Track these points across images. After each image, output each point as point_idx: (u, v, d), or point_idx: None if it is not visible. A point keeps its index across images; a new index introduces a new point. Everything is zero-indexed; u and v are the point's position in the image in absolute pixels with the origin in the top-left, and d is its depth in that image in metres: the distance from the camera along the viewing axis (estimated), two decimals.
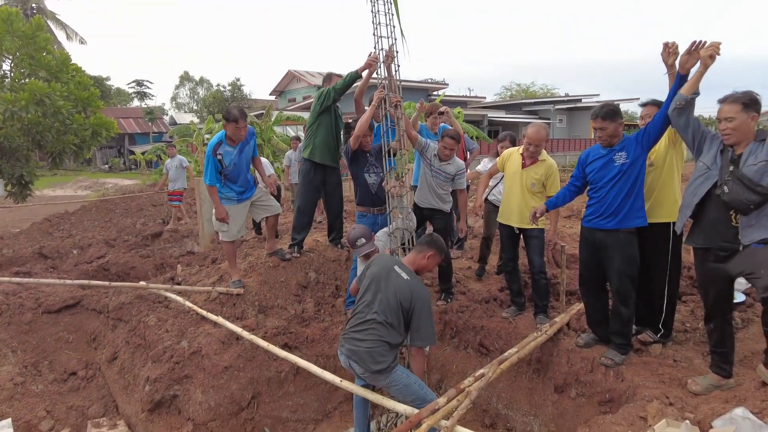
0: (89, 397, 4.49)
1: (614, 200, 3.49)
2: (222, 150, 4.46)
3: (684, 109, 3.08)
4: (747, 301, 4.43)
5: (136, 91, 44.21)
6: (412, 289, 3.09)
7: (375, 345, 3.03)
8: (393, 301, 3.06)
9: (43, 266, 7.33)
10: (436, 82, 32.85)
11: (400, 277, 3.16)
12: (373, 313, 3.08)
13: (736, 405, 2.79)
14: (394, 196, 4.12)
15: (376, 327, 3.05)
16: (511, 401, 4.10)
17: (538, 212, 3.86)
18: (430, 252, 3.30)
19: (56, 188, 21.58)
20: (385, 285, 3.12)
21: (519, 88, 51.86)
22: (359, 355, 3.06)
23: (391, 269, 3.20)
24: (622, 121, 3.54)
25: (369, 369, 3.04)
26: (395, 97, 4.22)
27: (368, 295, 3.16)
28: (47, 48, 9.41)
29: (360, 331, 3.09)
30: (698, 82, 3.04)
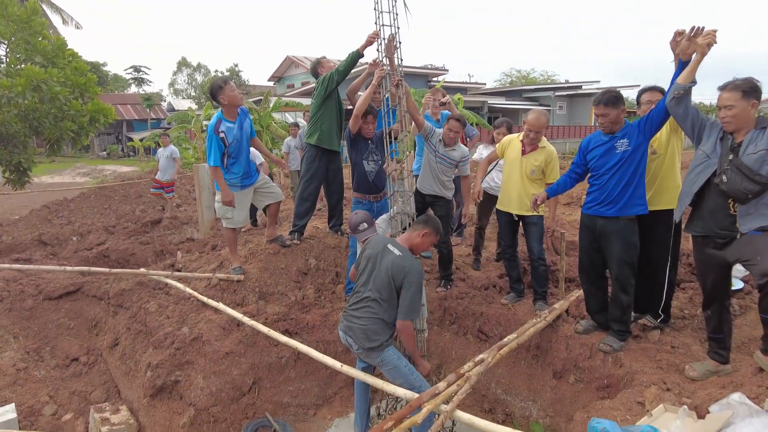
0: (91, 383, 4.52)
1: (615, 188, 3.48)
2: (223, 127, 4.40)
3: (682, 98, 3.07)
4: (745, 288, 4.46)
5: (134, 77, 43.83)
6: (403, 264, 3.15)
7: (370, 322, 3.15)
8: (385, 277, 3.14)
9: (43, 253, 7.32)
10: (436, 68, 32.57)
11: (392, 253, 3.23)
12: (368, 291, 3.19)
13: (732, 390, 2.82)
14: (395, 179, 4.09)
15: (370, 304, 3.16)
16: (510, 386, 4.14)
17: (539, 199, 3.85)
18: (426, 230, 3.34)
19: (54, 175, 21.49)
20: (379, 263, 3.22)
21: (519, 75, 51.49)
22: (354, 331, 3.19)
23: (385, 248, 3.28)
24: (624, 108, 3.52)
25: (362, 346, 3.17)
26: (396, 77, 4.14)
27: (364, 275, 3.27)
28: (43, 33, 9.31)
29: (357, 309, 3.22)
30: (695, 70, 3.02)
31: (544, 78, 49.56)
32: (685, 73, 3.04)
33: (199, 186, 7.94)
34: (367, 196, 4.63)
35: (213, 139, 4.34)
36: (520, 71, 52.14)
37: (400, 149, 4.29)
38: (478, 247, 5.61)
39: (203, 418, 3.78)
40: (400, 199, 4.03)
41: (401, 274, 3.12)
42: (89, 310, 5.25)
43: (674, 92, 3.07)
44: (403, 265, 3.15)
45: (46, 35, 9.39)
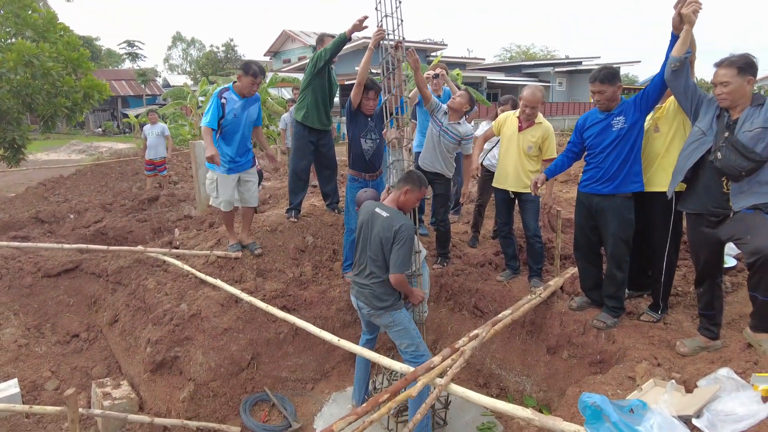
0: (92, 358, 4.60)
1: (612, 165, 3.48)
2: (227, 95, 4.38)
3: (679, 71, 3.04)
4: (738, 265, 4.50)
5: (128, 52, 43.01)
6: (391, 224, 3.23)
7: (376, 286, 3.31)
8: (377, 242, 3.26)
9: (41, 231, 7.33)
10: (435, 43, 32.08)
11: (381, 216, 3.32)
12: (367, 257, 3.36)
13: (721, 365, 2.87)
14: (395, 147, 4.05)
15: (372, 270, 3.32)
16: (504, 362, 4.22)
17: (539, 182, 3.86)
18: (406, 187, 3.37)
19: (49, 152, 21.34)
20: (371, 228, 3.34)
21: (519, 50, 50.78)
22: (365, 295, 3.38)
23: (374, 213, 3.38)
24: (620, 85, 3.49)
25: (374, 306, 3.33)
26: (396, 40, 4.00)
27: (360, 243, 3.44)
28: (32, 6, 9.10)
29: (362, 276, 3.40)
30: (687, 40, 2.99)
31: (544, 54, 48.90)
32: (677, 45, 3.02)
33: (195, 163, 7.90)
34: (362, 174, 4.59)
35: (214, 101, 4.33)
36: (519, 46, 51.46)
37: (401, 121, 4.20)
38: (476, 224, 5.64)
39: (203, 393, 3.85)
40: (394, 170, 4.01)
41: (391, 234, 3.21)
42: (88, 287, 5.29)
43: (671, 65, 3.05)
44: (391, 224, 3.23)
45: (35, 8, 9.18)
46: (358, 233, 3.48)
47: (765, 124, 2.72)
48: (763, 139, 2.73)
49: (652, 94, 3.35)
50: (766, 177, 2.81)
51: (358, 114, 4.48)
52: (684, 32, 2.98)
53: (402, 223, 3.23)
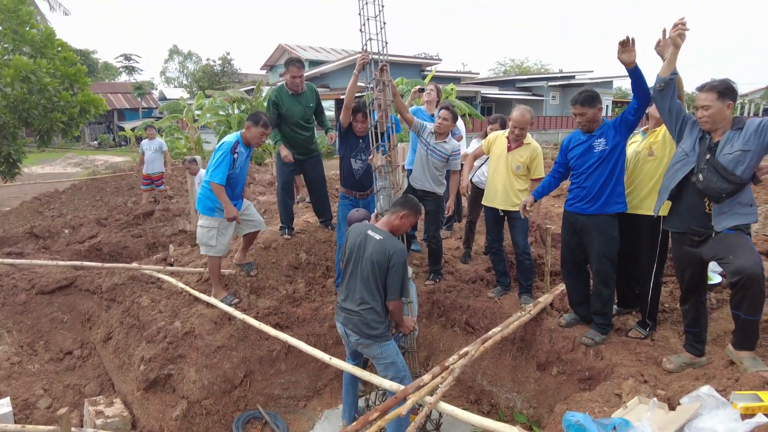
0: (85, 376, 4.60)
1: (594, 185, 3.58)
2: (239, 150, 4.28)
3: (664, 91, 3.13)
4: (723, 282, 4.58)
5: (124, 66, 43.26)
6: (386, 248, 3.18)
7: (366, 312, 3.21)
8: (369, 266, 3.18)
9: (35, 246, 7.34)
10: (430, 57, 32.42)
11: (373, 238, 3.25)
12: (357, 282, 3.25)
13: (705, 382, 2.94)
14: (381, 173, 4.11)
15: (363, 295, 3.21)
16: (495, 378, 4.26)
17: (528, 205, 3.95)
18: (403, 212, 3.35)
19: (45, 165, 21.32)
20: (362, 252, 3.25)
21: (513, 64, 51.37)
22: (354, 322, 3.24)
23: (365, 234, 3.30)
24: (600, 107, 3.60)
25: (364, 334, 3.21)
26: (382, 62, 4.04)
27: (350, 266, 3.31)
28: (31, 22, 9.20)
29: (351, 302, 3.27)
30: (673, 62, 3.08)
31: (538, 68, 49.49)
32: (664, 66, 3.11)
33: (190, 178, 7.96)
34: (353, 192, 4.65)
35: (227, 156, 4.18)
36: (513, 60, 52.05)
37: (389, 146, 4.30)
38: (468, 240, 5.70)
39: (196, 411, 3.87)
40: (382, 196, 4.07)
41: (385, 259, 3.16)
42: (82, 304, 5.30)
43: (657, 85, 3.16)
44: (385, 249, 3.17)
45: (34, 24, 9.28)
46: (347, 255, 3.36)
47: (744, 147, 2.83)
48: (743, 162, 2.82)
49: (628, 117, 3.46)
50: (746, 198, 2.91)
51: (349, 134, 4.51)
52: (671, 54, 3.07)
53: (397, 247, 3.21)
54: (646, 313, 3.82)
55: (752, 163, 2.84)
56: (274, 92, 5.06)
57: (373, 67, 4.07)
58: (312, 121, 5.19)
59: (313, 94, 5.13)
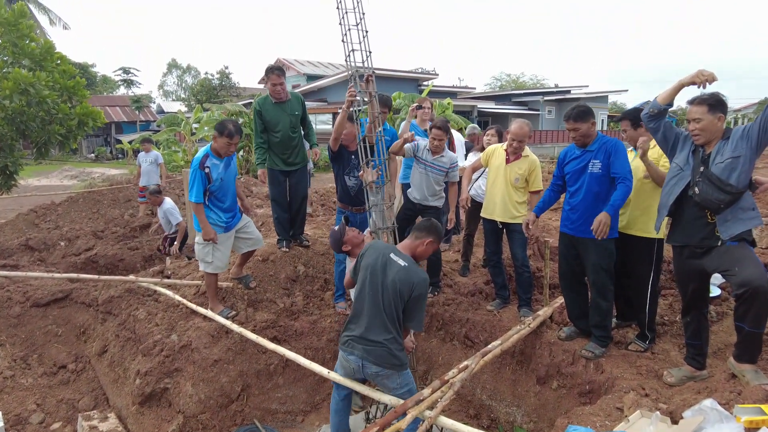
0: (79, 390, 4.53)
1: (587, 209, 3.61)
2: (209, 163, 4.14)
3: (655, 117, 3.17)
4: (722, 294, 4.58)
5: (123, 79, 43.43)
6: (410, 279, 3.00)
7: (390, 342, 2.98)
8: (393, 292, 2.99)
9: (30, 258, 7.29)
10: (427, 72, 32.74)
11: (397, 264, 3.05)
12: (379, 310, 3.00)
13: (707, 395, 2.92)
14: (373, 189, 4.05)
15: (386, 324, 2.99)
16: (495, 392, 4.22)
17: (530, 222, 3.96)
18: (429, 239, 3.22)
19: (41, 177, 21.28)
20: (383, 276, 3.02)
21: (509, 79, 51.92)
22: (376, 354, 2.98)
23: (388, 258, 3.09)
24: (593, 121, 3.62)
25: (388, 364, 2.99)
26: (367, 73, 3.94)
27: (366, 287, 3.05)
28: (30, 36, 9.25)
29: (373, 333, 2.99)
30: (675, 94, 3.09)
31: (534, 82, 50.03)
32: (666, 94, 3.10)
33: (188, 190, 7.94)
34: (349, 207, 4.61)
35: (197, 173, 4.08)
36: (509, 75, 52.63)
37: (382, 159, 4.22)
38: (466, 253, 5.70)
39: (192, 426, 3.81)
40: (374, 212, 4.03)
41: (408, 289, 2.98)
42: (78, 317, 5.25)
43: (649, 109, 3.19)
44: (411, 280, 3.00)
45: (34, 38, 9.33)
46: (363, 277, 3.09)
47: (733, 153, 2.85)
48: (735, 168, 2.84)
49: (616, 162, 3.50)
50: (746, 203, 2.92)
51: (339, 154, 4.42)
52: (677, 84, 3.04)
53: (422, 277, 3.05)
54: (644, 326, 3.81)
55: (745, 167, 2.85)
56: (258, 101, 5.04)
57: (358, 78, 3.98)
58: (297, 130, 5.12)
59: (298, 103, 5.09)
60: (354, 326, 3.09)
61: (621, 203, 3.47)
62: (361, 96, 4.03)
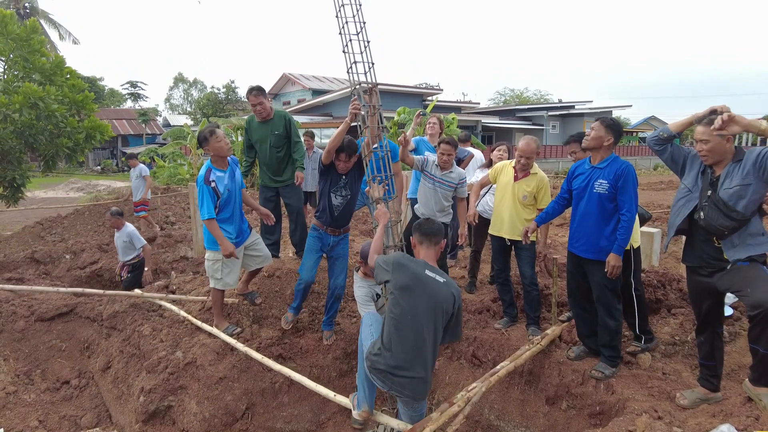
0: (82, 407, 4.48)
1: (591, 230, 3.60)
2: (214, 176, 4.11)
3: (663, 141, 3.19)
4: (734, 314, 4.51)
5: (130, 93, 43.95)
6: (452, 291, 2.87)
7: (429, 373, 2.83)
8: (439, 312, 2.80)
9: (36, 271, 7.29)
10: (431, 87, 32.97)
11: (436, 281, 2.85)
12: (421, 338, 2.76)
13: (722, 420, 2.85)
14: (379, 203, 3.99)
15: (428, 354, 2.79)
16: (503, 412, 4.14)
17: (530, 230, 3.94)
18: (443, 240, 3.11)
19: (48, 189, 21.42)
20: (426, 297, 2.79)
21: (513, 94, 52.20)
22: (416, 389, 2.79)
23: (425, 276, 2.85)
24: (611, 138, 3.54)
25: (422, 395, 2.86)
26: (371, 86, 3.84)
27: (409, 316, 2.77)
28: (41, 50, 9.38)
29: (414, 367, 2.75)
30: (687, 126, 3.13)
31: (538, 98, 50.27)
32: (680, 124, 3.14)
33: (194, 204, 7.96)
34: (325, 228, 4.27)
35: (204, 189, 4.03)
36: (513, 90, 52.93)
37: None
38: (473, 269, 5.66)
39: None
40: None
41: (452, 303, 2.85)
42: (82, 332, 5.21)
43: (659, 132, 3.20)
44: (450, 293, 2.85)
45: (44, 53, 9.46)
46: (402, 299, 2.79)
47: (743, 181, 2.80)
48: (744, 196, 2.80)
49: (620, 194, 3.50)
50: (755, 228, 2.87)
51: (330, 169, 4.17)
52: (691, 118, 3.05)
53: (457, 287, 2.93)
54: (636, 328, 3.91)
55: (754, 197, 2.81)
56: (247, 119, 5.24)
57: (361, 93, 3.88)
58: (282, 148, 5.13)
59: (282, 122, 5.08)
60: (390, 355, 2.78)
61: (626, 241, 3.47)
62: (365, 110, 3.95)
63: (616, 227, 3.51)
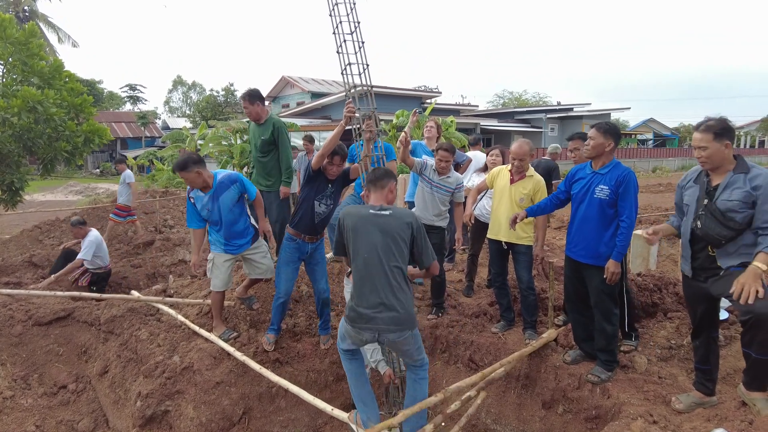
0: (79, 411, 4.48)
1: (590, 235, 3.61)
2: (193, 194, 4.19)
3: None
4: (730, 318, 4.52)
5: (129, 95, 44.00)
6: (404, 217, 3.00)
7: (404, 297, 2.90)
8: (394, 244, 2.92)
9: (34, 275, 7.28)
10: (429, 90, 33.02)
11: (383, 215, 2.99)
12: (380, 266, 2.88)
13: (717, 424, 2.87)
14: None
15: (398, 282, 2.89)
16: (499, 416, 4.15)
17: (519, 217, 3.95)
18: (393, 182, 3.20)
19: (46, 192, 21.39)
20: (375, 231, 2.93)
21: (511, 96, 52.29)
22: (395, 320, 2.85)
23: (369, 215, 3.00)
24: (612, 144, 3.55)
25: (407, 325, 2.89)
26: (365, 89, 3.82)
27: (363, 251, 2.91)
28: (40, 54, 9.39)
29: (387, 296, 2.86)
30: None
31: (536, 100, 50.37)
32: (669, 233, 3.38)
33: None
34: (302, 236, 4.18)
35: (187, 203, 4.27)
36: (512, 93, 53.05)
37: None
38: (470, 273, 5.67)
39: None
40: None
41: (409, 228, 2.96)
42: (79, 337, 5.21)
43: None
44: (404, 219, 2.97)
45: (43, 56, 9.47)
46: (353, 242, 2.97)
47: (745, 199, 2.78)
48: (742, 211, 2.79)
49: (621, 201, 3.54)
50: (751, 239, 2.86)
51: (319, 176, 4.09)
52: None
53: (411, 212, 3.08)
54: (624, 327, 3.97)
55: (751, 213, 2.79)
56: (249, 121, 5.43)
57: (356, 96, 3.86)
58: (267, 154, 5.14)
59: (269, 128, 5.05)
60: (362, 297, 2.91)
61: (626, 248, 3.49)
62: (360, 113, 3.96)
63: (615, 233, 3.52)
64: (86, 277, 6.52)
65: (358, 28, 3.75)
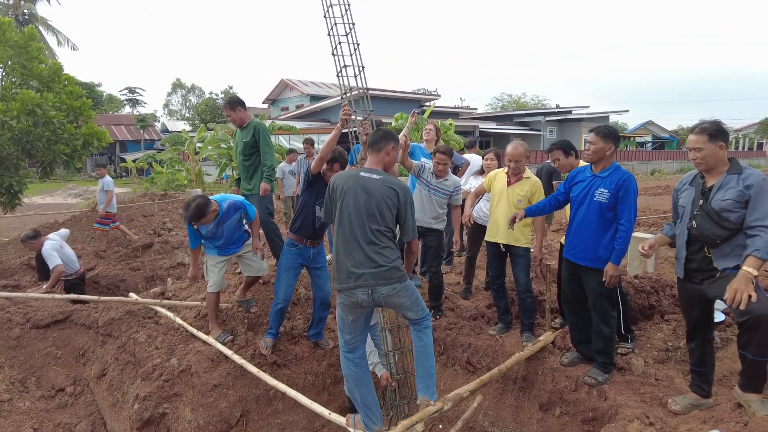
0: (77, 414, 4.48)
1: (589, 237, 3.62)
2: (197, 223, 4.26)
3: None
4: (726, 320, 4.53)
5: (128, 98, 44.03)
6: (393, 186, 3.01)
7: (390, 252, 2.95)
8: (382, 205, 2.97)
9: (32, 278, 7.28)
10: (428, 93, 33.10)
11: (372, 179, 3.03)
12: (364, 226, 2.94)
13: (713, 425, 2.88)
14: None
15: (378, 239, 2.94)
16: (497, 418, 4.16)
17: (518, 217, 3.95)
18: (390, 144, 3.16)
19: (45, 195, 21.38)
20: (364, 193, 2.98)
21: (510, 99, 52.42)
22: (384, 275, 2.90)
23: (359, 176, 3.05)
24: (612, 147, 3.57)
25: (396, 278, 2.94)
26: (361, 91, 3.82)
27: (351, 210, 2.96)
28: (39, 57, 9.42)
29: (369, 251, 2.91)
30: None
31: (535, 103, 50.50)
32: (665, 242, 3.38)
33: None
34: (304, 241, 4.20)
35: (188, 227, 4.33)
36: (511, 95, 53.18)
37: None
38: (468, 276, 5.68)
39: None
40: None
41: (395, 196, 2.99)
42: (77, 339, 5.21)
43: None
44: (392, 186, 3.01)
45: (42, 59, 9.50)
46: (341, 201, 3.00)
47: (738, 198, 2.81)
48: (736, 211, 2.82)
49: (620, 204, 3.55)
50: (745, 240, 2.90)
51: (318, 181, 4.10)
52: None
53: (402, 183, 3.05)
54: (621, 329, 3.94)
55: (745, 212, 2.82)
56: None
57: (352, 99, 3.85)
58: (249, 157, 5.17)
59: (250, 131, 5.08)
60: (348, 257, 2.95)
61: (625, 251, 3.50)
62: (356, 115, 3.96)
63: (614, 236, 3.54)
64: (60, 286, 6.25)
65: (353, 30, 3.76)
